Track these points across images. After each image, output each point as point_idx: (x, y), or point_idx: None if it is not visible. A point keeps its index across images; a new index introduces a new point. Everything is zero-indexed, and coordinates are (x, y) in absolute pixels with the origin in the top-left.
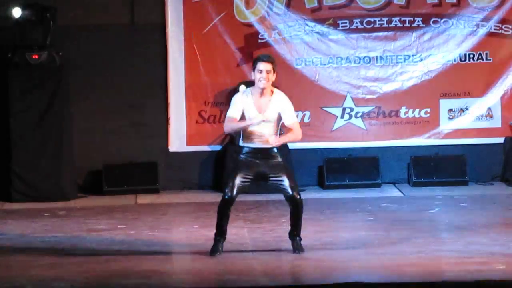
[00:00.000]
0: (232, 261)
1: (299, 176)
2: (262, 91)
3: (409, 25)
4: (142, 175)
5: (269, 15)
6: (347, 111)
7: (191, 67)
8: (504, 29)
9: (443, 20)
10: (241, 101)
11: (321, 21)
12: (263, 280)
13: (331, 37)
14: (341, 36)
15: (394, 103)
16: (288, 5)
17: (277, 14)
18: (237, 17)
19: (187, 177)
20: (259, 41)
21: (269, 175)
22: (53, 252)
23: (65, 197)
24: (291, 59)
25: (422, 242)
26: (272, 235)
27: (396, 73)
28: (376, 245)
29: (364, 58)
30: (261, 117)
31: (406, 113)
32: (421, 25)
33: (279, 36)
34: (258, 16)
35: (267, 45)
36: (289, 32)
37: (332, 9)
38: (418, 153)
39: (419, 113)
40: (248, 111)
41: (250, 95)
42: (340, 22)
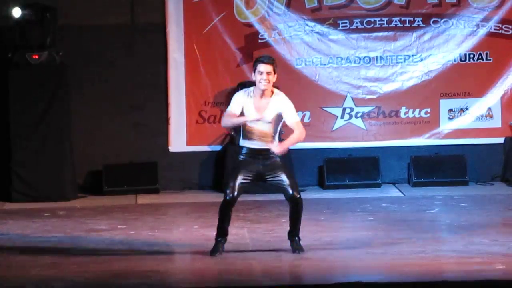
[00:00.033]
0: (232, 261)
1: (299, 176)
2: (262, 92)
3: (409, 25)
4: (142, 175)
5: (269, 15)
6: (347, 111)
7: (191, 67)
8: (504, 29)
9: (443, 20)
10: (243, 99)
11: (321, 21)
12: (263, 280)
13: (331, 37)
14: (341, 36)
15: (394, 103)
16: (288, 5)
17: (277, 14)
18: (237, 17)
19: (187, 177)
20: (259, 41)
21: (268, 174)
22: (53, 252)
23: (65, 197)
24: (291, 59)
25: (422, 242)
26: (272, 235)
27: (396, 73)
28: (376, 245)
29: (364, 58)
30: (257, 115)
31: (406, 113)
32: (421, 25)
33: (279, 36)
34: (258, 16)
35: (267, 45)
36: (289, 32)
37: (332, 9)
38: (418, 153)
39: (419, 113)
40: (247, 111)
41: (252, 94)
42: (340, 22)
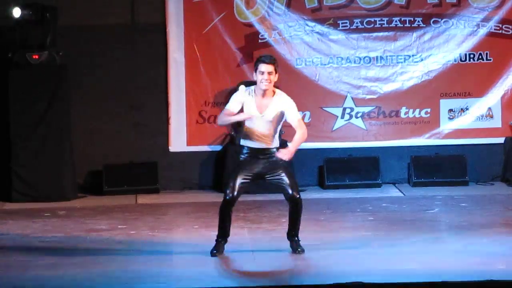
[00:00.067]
0: (232, 261)
1: (300, 176)
2: (264, 92)
3: (410, 25)
4: (142, 175)
5: (269, 15)
6: (347, 111)
7: (191, 67)
8: (504, 29)
9: (443, 20)
10: (243, 98)
11: (321, 21)
12: (263, 280)
13: (331, 37)
14: (341, 36)
15: (394, 103)
16: (288, 5)
17: (278, 14)
18: (238, 17)
19: (187, 177)
20: (259, 41)
21: (269, 174)
22: (53, 252)
23: (65, 197)
24: (291, 59)
25: (422, 242)
26: (272, 235)
27: (396, 73)
28: (376, 245)
29: (364, 58)
30: (254, 114)
31: (406, 113)
32: (422, 25)
33: (279, 36)
34: (258, 16)
35: (267, 45)
36: (290, 32)
37: (332, 9)
38: (418, 153)
39: (420, 113)
40: (248, 109)
41: (253, 93)
42: (340, 22)
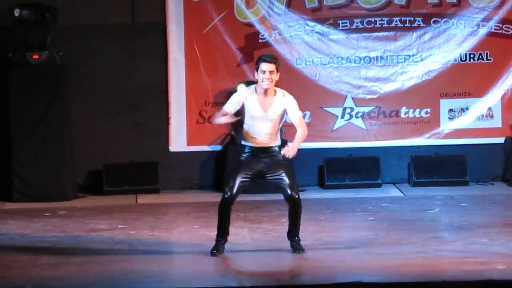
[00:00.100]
0: (232, 261)
1: (300, 176)
2: (265, 91)
3: (410, 25)
4: (142, 175)
5: (269, 15)
6: (348, 111)
7: (191, 67)
8: (504, 29)
9: (443, 20)
10: (243, 98)
11: (321, 21)
12: (263, 280)
13: (331, 37)
14: (341, 36)
15: (394, 103)
16: (288, 5)
17: (278, 14)
18: (238, 17)
19: (187, 177)
20: (260, 41)
21: (269, 173)
22: (53, 252)
23: (66, 197)
24: (291, 59)
25: (422, 242)
26: (272, 235)
27: (396, 73)
28: (376, 245)
29: (364, 58)
30: (233, 117)
31: (406, 113)
32: (422, 25)
33: (280, 36)
34: (258, 16)
35: (267, 45)
36: (290, 32)
37: (332, 9)
38: (418, 153)
39: (420, 113)
40: (252, 109)
41: (254, 92)
42: (340, 22)
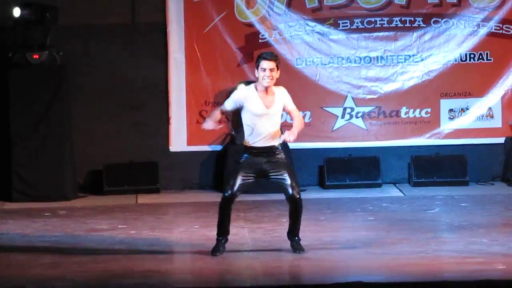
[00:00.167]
0: (232, 261)
1: (300, 176)
2: (266, 89)
3: (410, 25)
4: (142, 175)
5: (269, 15)
6: (348, 111)
7: (191, 66)
8: (504, 29)
9: (443, 20)
10: (242, 96)
11: (321, 21)
12: (264, 279)
13: (331, 37)
14: (341, 36)
15: (394, 103)
16: (288, 5)
17: (278, 14)
18: (238, 17)
19: (187, 177)
20: (260, 41)
21: (271, 172)
22: (53, 251)
23: (66, 197)
24: (291, 59)
25: (422, 242)
26: (272, 235)
27: (396, 73)
28: (376, 245)
29: (364, 58)
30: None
31: (406, 113)
32: (422, 25)
33: (280, 36)
34: (258, 16)
35: (267, 45)
36: (290, 32)
37: (332, 9)
38: (418, 153)
39: (420, 113)
40: (254, 106)
41: (255, 91)
42: (340, 22)
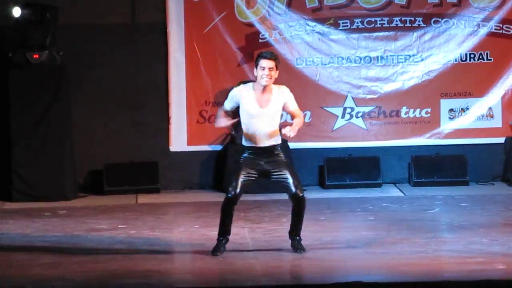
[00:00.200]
0: (232, 261)
1: (300, 176)
2: (264, 88)
3: (410, 25)
4: (142, 175)
5: (270, 15)
6: (348, 111)
7: (192, 66)
8: (505, 29)
9: (444, 20)
10: (239, 94)
11: (322, 21)
12: (264, 279)
13: (332, 37)
14: (342, 36)
15: (394, 103)
16: (289, 5)
17: (278, 14)
18: (238, 17)
19: (187, 177)
20: (260, 40)
21: (272, 172)
22: (53, 251)
23: (66, 197)
24: (291, 59)
25: (422, 242)
26: (272, 235)
27: (397, 73)
28: (376, 245)
29: (365, 58)
30: (230, 120)
31: (406, 113)
32: (422, 25)
33: (280, 36)
34: (259, 16)
35: (268, 44)
36: (290, 32)
37: (333, 9)
38: (418, 153)
39: (420, 113)
40: (249, 105)
41: (251, 89)
42: (341, 22)
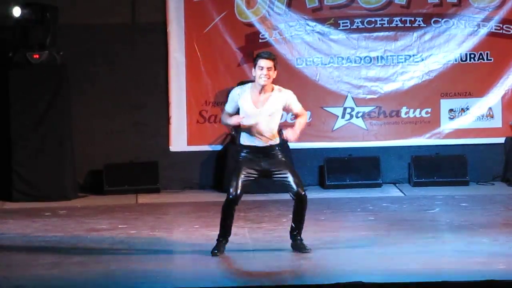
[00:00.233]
0: (232, 261)
1: (300, 176)
2: (262, 88)
3: (410, 25)
4: (143, 175)
5: (270, 15)
6: (348, 111)
7: (192, 66)
8: (505, 29)
9: (444, 20)
10: (237, 95)
11: (322, 21)
12: (264, 280)
13: (332, 37)
14: (342, 36)
15: (395, 103)
16: (289, 5)
17: (278, 14)
18: (238, 17)
19: (188, 177)
20: (260, 40)
21: (273, 171)
22: (53, 251)
23: (66, 197)
24: (292, 59)
25: (422, 242)
26: (272, 235)
27: (397, 73)
28: (376, 245)
29: (365, 58)
30: (246, 114)
31: (407, 113)
32: (422, 25)
33: (280, 36)
34: (259, 15)
35: (268, 44)
36: (290, 32)
37: (333, 9)
38: (419, 153)
39: (420, 113)
40: (244, 105)
41: (248, 90)
42: (341, 22)
